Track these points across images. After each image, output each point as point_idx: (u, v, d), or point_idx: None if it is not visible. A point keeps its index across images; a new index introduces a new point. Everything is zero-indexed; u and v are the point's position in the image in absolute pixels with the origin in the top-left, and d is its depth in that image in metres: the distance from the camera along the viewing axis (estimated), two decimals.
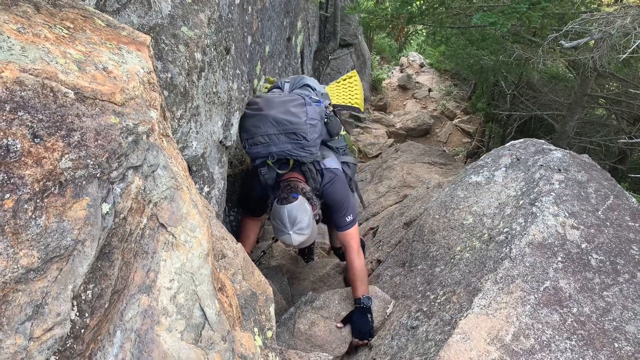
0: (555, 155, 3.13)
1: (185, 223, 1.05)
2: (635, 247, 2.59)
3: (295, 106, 2.65)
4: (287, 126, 2.56)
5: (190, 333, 0.98)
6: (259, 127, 2.57)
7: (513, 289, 2.24)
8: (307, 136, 2.59)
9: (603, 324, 2.20)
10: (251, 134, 2.59)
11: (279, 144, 2.58)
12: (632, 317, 2.26)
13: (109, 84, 1.02)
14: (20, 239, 0.82)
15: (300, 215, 2.50)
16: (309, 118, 2.63)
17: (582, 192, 2.82)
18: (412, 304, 2.61)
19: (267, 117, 2.58)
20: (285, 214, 2.49)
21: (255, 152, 2.65)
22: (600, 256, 2.49)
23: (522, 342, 2.04)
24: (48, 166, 0.87)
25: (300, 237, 2.53)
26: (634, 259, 2.51)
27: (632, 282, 2.41)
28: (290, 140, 2.58)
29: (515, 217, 2.70)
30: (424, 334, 2.26)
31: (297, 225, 2.50)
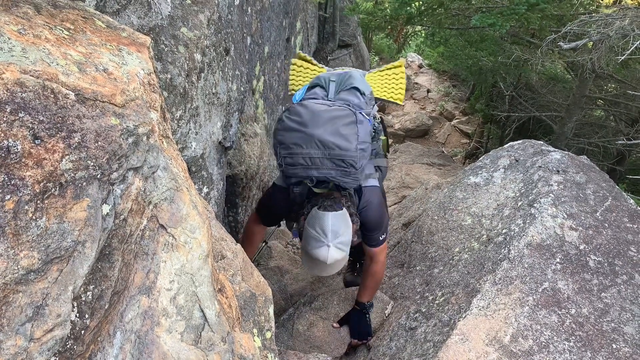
0: (554, 156, 3.14)
1: (185, 224, 1.06)
2: (633, 248, 2.59)
3: (346, 125, 2.29)
4: (335, 151, 2.22)
5: (190, 334, 0.98)
6: (300, 147, 2.24)
7: (512, 290, 2.24)
8: (356, 164, 2.26)
9: (601, 325, 2.20)
10: (290, 152, 2.26)
11: (322, 169, 2.25)
12: (630, 318, 2.27)
13: (109, 85, 1.02)
14: (20, 240, 0.82)
15: (344, 228, 2.26)
16: (359, 142, 2.29)
17: (580, 194, 2.82)
18: (410, 305, 2.62)
19: (312, 137, 2.23)
20: (329, 222, 2.22)
21: (292, 173, 2.32)
22: (598, 257, 2.49)
23: (520, 343, 2.04)
24: (48, 167, 0.87)
25: (339, 253, 2.22)
26: (632, 261, 2.52)
27: (630, 284, 2.42)
28: (336, 166, 2.25)
29: (514, 218, 2.71)
30: (423, 335, 2.26)
31: (339, 238, 2.22)
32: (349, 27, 13.39)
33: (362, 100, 2.61)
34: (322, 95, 2.60)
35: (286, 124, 2.32)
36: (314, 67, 3.39)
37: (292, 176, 2.34)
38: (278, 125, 2.36)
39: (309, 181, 2.33)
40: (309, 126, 2.26)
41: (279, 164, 2.34)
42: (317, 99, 2.54)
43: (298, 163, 2.26)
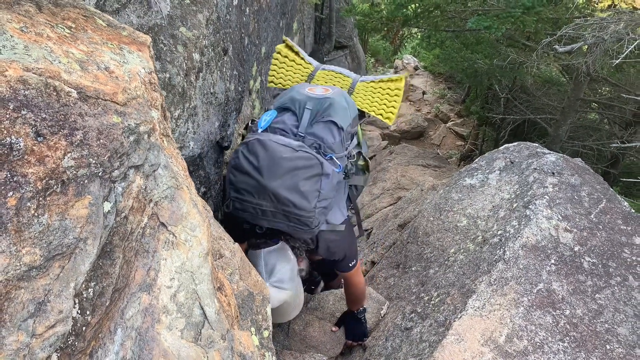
0: (549, 158, 3.16)
1: (185, 222, 1.06)
2: (627, 250, 2.62)
3: (307, 180, 2.02)
4: (290, 208, 2.00)
5: (190, 331, 0.99)
6: (251, 195, 2.03)
7: (507, 291, 2.26)
8: (311, 224, 2.06)
9: (595, 326, 2.22)
10: (240, 197, 2.05)
11: (273, 222, 2.06)
12: (624, 319, 2.29)
13: (111, 83, 1.02)
14: (23, 236, 0.83)
15: (280, 264, 2.10)
16: (320, 200, 2.05)
17: (575, 196, 2.84)
18: (406, 305, 2.63)
19: (265, 188, 1.99)
20: (262, 261, 2.08)
21: (242, 217, 2.12)
22: (592, 259, 2.51)
23: (515, 343, 2.06)
24: (51, 165, 0.88)
25: (280, 293, 2.06)
26: (625, 262, 2.54)
27: (624, 285, 2.44)
28: (288, 221, 2.05)
29: (509, 219, 2.73)
30: (418, 335, 2.27)
31: (276, 276, 2.06)
32: (345, 28, 13.42)
33: (337, 139, 2.26)
34: (291, 126, 2.24)
35: (240, 164, 2.07)
36: (299, 61, 3.03)
37: (240, 222, 2.17)
38: (232, 162, 2.11)
39: (258, 229, 2.16)
40: (265, 176, 2.01)
41: (227, 205, 2.12)
42: (284, 131, 2.22)
43: (247, 211, 2.06)
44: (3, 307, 0.79)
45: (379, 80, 3.01)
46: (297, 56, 3.04)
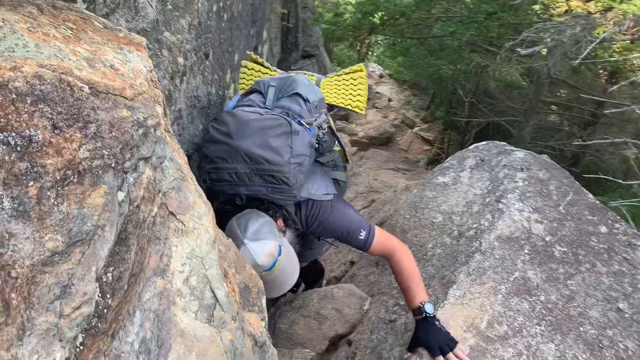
0: (518, 155, 3.31)
1: (192, 211, 1.11)
2: (594, 238, 2.77)
3: (277, 137, 2.06)
4: (264, 166, 2.01)
5: (204, 313, 1.04)
6: (225, 161, 2.02)
7: (485, 280, 2.36)
8: (288, 180, 2.04)
9: (568, 310, 2.34)
10: (215, 166, 2.05)
11: (250, 186, 2.03)
12: (595, 303, 2.42)
13: (118, 80, 1.07)
14: (45, 224, 0.87)
15: (251, 220, 2.00)
16: (293, 155, 2.06)
17: (544, 189, 2.99)
18: (388, 300, 2.71)
19: (237, 150, 2.01)
20: (234, 224, 1.99)
21: (220, 189, 2.10)
22: (563, 248, 2.65)
23: (496, 328, 2.16)
24: (68, 156, 0.92)
25: (263, 245, 1.92)
26: (593, 250, 2.69)
27: (593, 271, 2.58)
28: (265, 182, 2.03)
29: (483, 213, 2.84)
30: (403, 326, 2.36)
31: (250, 230, 1.95)
32: (311, 37, 13.55)
33: (304, 108, 2.32)
34: (259, 102, 2.32)
35: (211, 134, 2.10)
36: (265, 70, 3.05)
37: (220, 193, 2.14)
38: (204, 137, 2.15)
39: (238, 199, 2.10)
40: (235, 138, 2.05)
41: (204, 181, 2.09)
42: (252, 106, 2.28)
43: (224, 179, 2.05)
44: (30, 290, 0.82)
45: (341, 73, 3.11)
46: (262, 66, 3.10)
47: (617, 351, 2.20)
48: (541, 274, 2.48)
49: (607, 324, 2.32)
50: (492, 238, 2.58)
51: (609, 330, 2.29)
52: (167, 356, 0.92)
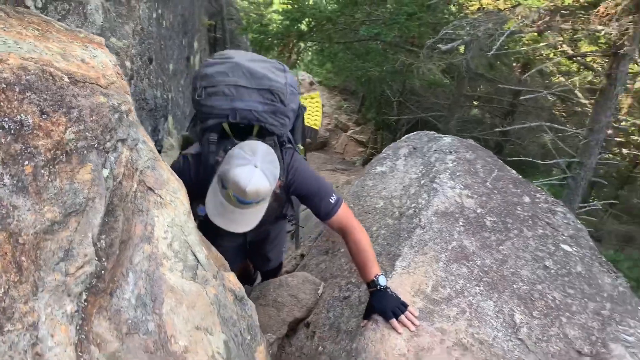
0: (446, 140, 3.60)
1: (168, 187, 1.22)
2: (519, 208, 3.07)
3: (274, 68, 2.17)
4: (264, 81, 2.05)
5: (188, 272, 1.15)
6: (225, 75, 2.03)
7: (427, 251, 2.58)
8: (284, 99, 2.09)
9: (503, 271, 2.60)
10: (213, 81, 2.02)
11: (247, 101, 2.03)
12: (525, 263, 2.69)
13: (92, 71, 1.18)
14: (42, 197, 0.97)
15: (274, 160, 1.97)
16: (289, 83, 2.14)
17: (471, 168, 3.28)
18: (341, 280, 2.88)
19: (239, 65, 2.05)
20: (260, 146, 1.93)
21: (211, 105, 2.05)
22: (493, 218, 2.93)
23: (440, 291, 2.38)
24: (56, 137, 1.02)
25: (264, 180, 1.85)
26: (519, 218, 2.99)
27: (521, 237, 2.87)
28: (263, 99, 2.05)
29: (420, 194, 3.08)
30: (357, 299, 2.53)
31: (269, 164, 1.90)
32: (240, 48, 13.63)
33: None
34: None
35: (210, 60, 2.14)
36: None
37: (211, 111, 2.08)
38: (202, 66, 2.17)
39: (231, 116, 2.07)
40: (236, 57, 2.12)
41: (198, 97, 2.07)
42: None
43: (221, 92, 2.03)
44: (37, 254, 0.92)
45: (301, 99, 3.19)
46: None
47: (547, 302, 2.48)
48: (476, 242, 2.73)
49: (537, 280, 2.60)
50: (429, 214, 2.81)
51: (538, 285, 2.57)
52: (161, 308, 1.03)
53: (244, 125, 2.12)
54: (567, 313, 2.44)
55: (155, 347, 0.98)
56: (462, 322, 2.25)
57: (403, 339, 2.13)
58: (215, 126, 2.09)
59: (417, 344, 2.13)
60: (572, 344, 2.29)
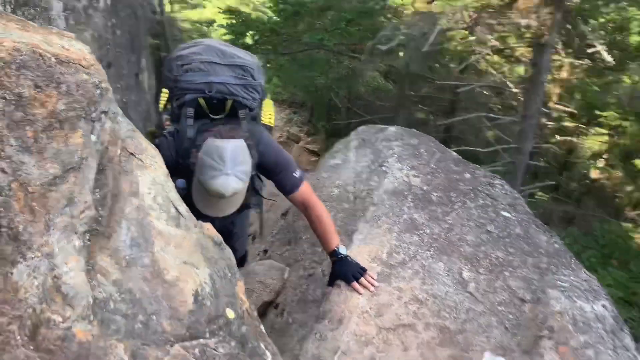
0: (391, 130, 3.88)
1: (147, 153, 1.39)
2: (461, 183, 3.37)
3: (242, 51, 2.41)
4: (235, 59, 2.26)
5: (172, 221, 1.32)
6: (200, 55, 2.22)
7: (381, 224, 2.82)
8: (254, 74, 2.29)
9: (450, 238, 2.86)
10: (189, 59, 2.21)
11: (221, 75, 2.21)
12: (469, 230, 2.97)
13: (74, 55, 1.35)
14: (44, 156, 1.13)
15: (243, 156, 2.08)
16: (257, 62, 2.36)
17: (416, 152, 3.56)
18: (304, 262, 3.08)
19: (211, 47, 2.25)
20: (228, 149, 2.01)
21: (189, 80, 2.20)
22: (438, 193, 3.20)
23: (395, 257, 2.61)
24: (50, 108, 1.19)
25: (238, 182, 2.00)
26: (462, 192, 3.28)
27: (464, 207, 3.15)
28: (235, 74, 2.24)
29: (371, 178, 3.33)
30: (321, 273, 2.73)
31: (239, 167, 2.01)
32: None
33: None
34: None
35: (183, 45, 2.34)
36: None
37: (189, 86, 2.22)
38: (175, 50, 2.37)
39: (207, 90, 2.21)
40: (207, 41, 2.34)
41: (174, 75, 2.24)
42: None
43: (197, 68, 2.21)
44: (45, 203, 1.08)
45: None
46: None
47: (491, 260, 2.75)
48: (424, 215, 2.99)
49: (481, 243, 2.87)
50: (381, 193, 3.06)
51: (482, 247, 2.84)
52: (153, 247, 1.20)
53: (217, 100, 2.28)
54: (509, 268, 2.71)
55: (152, 276, 1.15)
56: (417, 281, 2.49)
57: (365, 298, 2.35)
58: (192, 101, 2.24)
59: (378, 302, 2.35)
60: (516, 293, 2.57)
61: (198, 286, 1.22)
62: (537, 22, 4.69)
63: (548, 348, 2.22)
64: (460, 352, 2.21)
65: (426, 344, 2.22)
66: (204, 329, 1.19)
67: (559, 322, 2.35)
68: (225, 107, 2.31)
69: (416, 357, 2.16)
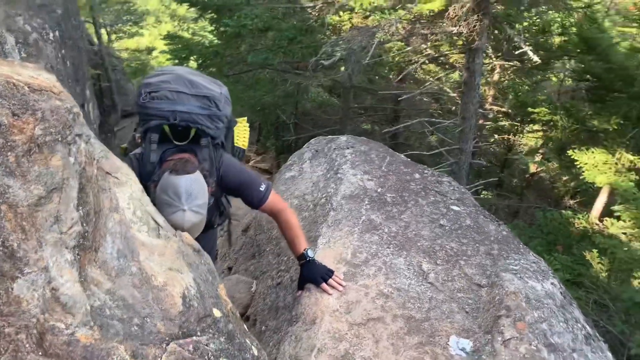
0: (342, 139, 4.05)
1: (122, 171, 1.46)
2: (412, 183, 3.56)
3: (211, 81, 2.48)
4: (202, 90, 2.35)
5: (153, 232, 1.39)
6: (169, 83, 2.31)
7: (342, 227, 2.95)
8: (219, 105, 2.37)
9: (407, 234, 3.03)
10: (157, 87, 2.30)
11: (187, 105, 2.29)
12: (424, 225, 3.15)
13: (44, 83, 1.42)
14: (27, 179, 1.19)
15: (198, 190, 2.10)
16: (224, 94, 2.44)
17: (367, 158, 3.73)
18: (271, 272, 3.16)
19: (180, 76, 2.34)
20: (182, 185, 2.04)
21: (156, 108, 2.28)
22: (392, 194, 3.37)
23: (358, 257, 2.74)
24: (28, 133, 1.25)
25: (196, 216, 2.07)
26: (414, 191, 3.47)
27: (417, 205, 3.33)
28: (201, 104, 2.33)
29: (328, 185, 3.47)
30: (289, 280, 2.82)
31: (194, 201, 2.06)
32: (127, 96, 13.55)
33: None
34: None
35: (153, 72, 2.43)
36: None
37: (155, 113, 2.29)
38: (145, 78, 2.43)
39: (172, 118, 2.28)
40: (178, 70, 2.43)
41: (142, 101, 2.30)
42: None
43: (164, 97, 2.29)
44: (34, 222, 1.15)
45: None
46: None
47: (446, 251, 2.93)
48: (381, 215, 3.15)
49: (436, 237, 3.05)
50: (339, 198, 3.20)
51: (438, 240, 3.02)
52: (139, 256, 1.27)
53: (181, 127, 2.33)
54: (464, 257, 2.90)
55: (141, 283, 1.22)
56: (381, 277, 2.62)
57: (334, 298, 2.46)
58: (156, 127, 2.30)
59: (347, 300, 2.47)
60: (472, 280, 2.74)
61: (185, 289, 1.30)
62: (467, 29, 5.03)
63: (507, 325, 2.39)
64: (427, 338, 2.35)
65: (395, 334, 2.35)
66: (194, 327, 1.26)
67: (514, 301, 2.54)
68: (189, 134, 2.37)
69: (387, 347, 2.29)
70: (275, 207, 2.62)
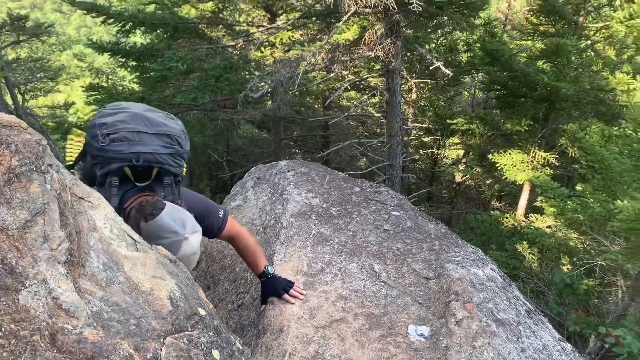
0: (282, 163, 4.22)
1: (93, 195, 1.54)
2: (354, 196, 3.77)
3: (167, 116, 2.36)
4: (161, 127, 2.24)
5: (131, 247, 1.47)
6: (126, 123, 2.18)
7: (294, 242, 3.10)
8: (181, 142, 2.28)
9: (355, 242, 3.22)
10: (114, 128, 2.15)
11: (149, 144, 2.18)
12: (370, 232, 3.36)
13: (12, 119, 1.51)
14: (12, 205, 1.28)
15: (182, 214, 2.11)
16: (182, 129, 2.35)
17: (309, 177, 3.92)
18: (230, 297, 3.23)
19: (138, 115, 2.21)
20: (170, 220, 2.03)
21: (116, 150, 2.14)
22: (337, 208, 3.57)
23: (314, 267, 2.89)
24: (6, 165, 1.34)
25: (198, 234, 2.11)
26: (356, 203, 3.68)
27: (361, 215, 3.54)
28: (163, 143, 2.23)
29: (275, 207, 3.61)
30: (250, 299, 2.91)
31: (189, 225, 2.08)
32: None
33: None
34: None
35: (107, 110, 2.26)
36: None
37: (115, 156, 2.16)
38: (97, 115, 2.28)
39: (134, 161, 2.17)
40: (132, 108, 2.28)
41: (101, 145, 2.15)
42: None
43: (124, 138, 2.15)
44: (26, 242, 1.23)
45: None
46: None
47: (394, 252, 3.14)
48: (329, 228, 3.33)
49: (382, 241, 3.27)
50: (288, 217, 3.35)
51: (384, 244, 3.23)
52: (124, 267, 1.36)
53: (143, 168, 2.24)
54: (410, 255, 3.12)
55: (130, 289, 1.31)
56: (338, 282, 2.78)
57: (297, 306, 2.59)
58: (117, 170, 2.19)
59: (309, 306, 2.60)
60: (420, 274, 2.96)
61: (170, 292, 1.39)
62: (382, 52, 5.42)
63: (458, 308, 2.61)
64: (388, 330, 2.53)
65: (359, 331, 2.50)
66: (185, 324, 1.36)
67: (460, 286, 2.77)
68: (151, 174, 2.29)
69: (353, 344, 2.44)
70: (234, 233, 2.68)
